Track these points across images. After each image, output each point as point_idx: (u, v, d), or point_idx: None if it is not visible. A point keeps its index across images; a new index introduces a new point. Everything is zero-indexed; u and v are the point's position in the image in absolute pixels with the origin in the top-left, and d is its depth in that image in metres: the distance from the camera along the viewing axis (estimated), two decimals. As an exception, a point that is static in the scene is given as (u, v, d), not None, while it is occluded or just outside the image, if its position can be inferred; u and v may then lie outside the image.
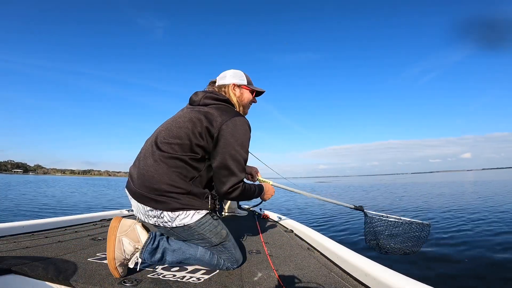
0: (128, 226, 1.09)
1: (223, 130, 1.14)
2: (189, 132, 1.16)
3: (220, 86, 1.38)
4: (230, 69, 1.43)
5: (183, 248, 1.15)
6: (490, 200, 7.89)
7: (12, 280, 1.01)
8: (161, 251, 1.10)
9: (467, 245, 3.28)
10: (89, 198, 11.96)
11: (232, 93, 1.36)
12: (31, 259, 1.18)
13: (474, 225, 4.38)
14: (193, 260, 1.17)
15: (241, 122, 1.19)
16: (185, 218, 1.13)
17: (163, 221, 1.14)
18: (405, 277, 0.94)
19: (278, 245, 1.69)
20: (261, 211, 3.06)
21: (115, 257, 1.03)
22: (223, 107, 1.26)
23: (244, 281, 1.08)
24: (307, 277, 1.13)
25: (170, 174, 1.12)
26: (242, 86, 1.39)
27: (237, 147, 1.16)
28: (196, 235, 1.17)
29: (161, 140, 1.18)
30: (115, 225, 1.07)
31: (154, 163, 1.14)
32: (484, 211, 5.78)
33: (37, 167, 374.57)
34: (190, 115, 1.20)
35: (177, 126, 1.19)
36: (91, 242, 1.59)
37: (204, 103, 1.27)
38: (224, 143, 1.15)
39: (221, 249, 1.22)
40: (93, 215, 2.40)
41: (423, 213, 5.88)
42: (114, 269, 1.03)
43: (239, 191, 1.20)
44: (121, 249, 1.04)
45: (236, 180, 1.17)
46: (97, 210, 5.91)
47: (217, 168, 1.17)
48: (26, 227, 1.75)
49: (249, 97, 1.42)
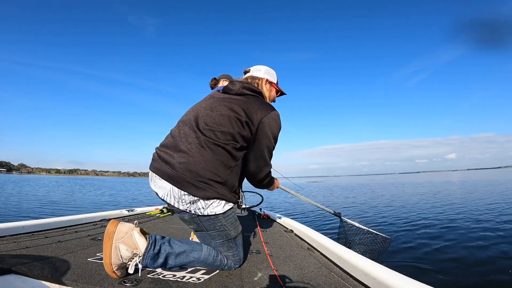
0: (125, 233, 1.04)
1: (263, 123, 1.19)
2: (232, 120, 1.17)
3: (253, 77, 1.46)
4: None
5: (187, 251, 1.13)
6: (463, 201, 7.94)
7: (12, 280, 1.00)
8: (163, 256, 1.06)
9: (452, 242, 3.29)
10: (89, 198, 11.94)
11: (265, 87, 1.45)
12: (31, 259, 1.18)
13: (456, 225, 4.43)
14: (197, 263, 1.16)
15: (277, 116, 1.24)
16: (217, 207, 1.15)
17: (196, 207, 1.13)
18: (405, 277, 0.94)
19: (278, 245, 1.69)
20: (261, 211, 3.05)
21: (111, 262, 1.01)
22: (260, 100, 1.30)
23: (244, 281, 1.08)
24: (307, 277, 1.13)
25: (214, 162, 1.13)
26: (272, 84, 1.50)
27: (272, 139, 1.24)
28: (218, 226, 1.18)
29: (203, 126, 1.17)
30: (111, 230, 1.03)
31: (200, 149, 1.14)
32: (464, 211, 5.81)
33: (21, 166, 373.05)
34: (230, 104, 1.21)
35: (219, 114, 1.19)
36: (91, 242, 1.59)
37: (242, 92, 1.28)
38: (263, 135, 1.20)
39: (232, 245, 1.23)
40: (93, 215, 2.39)
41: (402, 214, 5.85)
42: (112, 272, 1.02)
43: (269, 179, 1.38)
44: (118, 255, 1.02)
45: (269, 169, 1.33)
46: (97, 210, 5.90)
47: (255, 158, 1.24)
48: (26, 227, 1.75)
49: (274, 95, 1.54)
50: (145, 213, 2.95)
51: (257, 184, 1.38)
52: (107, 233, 1.03)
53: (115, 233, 1.03)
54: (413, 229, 4.27)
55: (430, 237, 3.72)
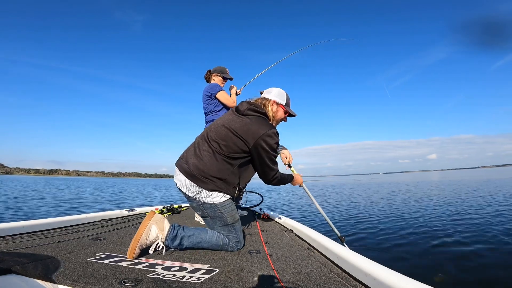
0: (160, 218, 1.48)
1: (260, 140, 1.51)
2: (233, 137, 1.53)
3: (263, 98, 1.73)
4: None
5: (196, 234, 1.52)
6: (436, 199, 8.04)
7: (12, 280, 1.00)
8: (179, 238, 1.47)
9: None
10: (87, 198, 11.93)
11: (270, 108, 1.69)
12: (31, 259, 1.18)
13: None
14: (204, 243, 1.53)
15: (273, 133, 1.55)
16: (216, 197, 1.53)
17: (200, 196, 1.53)
18: (405, 277, 0.94)
19: (278, 245, 1.69)
20: (261, 211, 3.05)
21: (139, 239, 1.35)
22: (261, 120, 1.60)
23: (244, 281, 1.08)
24: (307, 277, 1.13)
25: (216, 165, 1.52)
26: (280, 105, 1.73)
27: (270, 151, 1.56)
28: (217, 213, 1.55)
29: (212, 138, 1.58)
30: (152, 214, 1.46)
31: (208, 154, 1.55)
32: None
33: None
34: (235, 123, 1.57)
35: (224, 130, 1.56)
36: (91, 242, 1.60)
37: (246, 113, 1.60)
38: (261, 150, 1.53)
39: (231, 229, 1.58)
40: (93, 215, 2.40)
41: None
42: (133, 249, 1.32)
43: (277, 179, 1.70)
44: (147, 234, 1.40)
45: (273, 172, 1.65)
46: (96, 210, 5.90)
47: (260, 165, 1.60)
48: (26, 227, 1.75)
49: (281, 116, 1.76)
50: (145, 213, 2.95)
51: (269, 183, 1.70)
52: (148, 215, 1.45)
53: (154, 216, 1.45)
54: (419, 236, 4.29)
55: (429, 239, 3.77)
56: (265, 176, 1.65)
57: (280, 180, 1.73)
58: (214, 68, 2.98)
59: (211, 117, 2.79)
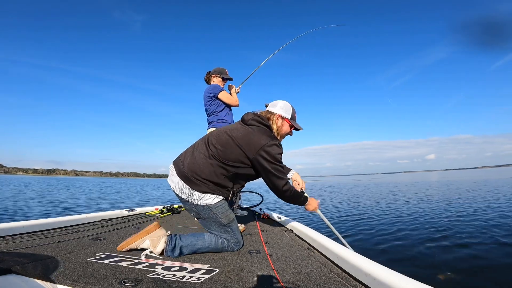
0: (158, 236, 1.45)
1: (261, 150, 1.48)
2: (233, 144, 1.51)
3: (268, 111, 1.69)
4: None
5: (193, 241, 1.51)
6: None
7: (12, 280, 1.00)
8: (178, 248, 1.45)
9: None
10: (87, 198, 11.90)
11: (275, 122, 1.66)
12: (31, 259, 1.18)
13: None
14: (204, 248, 1.52)
15: (275, 144, 1.52)
16: (208, 199, 1.51)
17: (193, 198, 1.51)
18: (405, 277, 0.94)
19: (278, 245, 1.69)
20: (261, 211, 3.05)
21: (129, 244, 1.44)
22: (264, 131, 1.58)
23: (244, 281, 1.08)
24: (307, 277, 1.13)
25: (210, 168, 1.50)
26: (285, 119, 1.67)
27: (273, 160, 1.50)
28: (211, 214, 1.52)
29: (211, 142, 1.56)
30: (153, 229, 1.46)
31: (203, 158, 1.53)
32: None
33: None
34: (237, 131, 1.55)
35: (226, 136, 1.54)
36: (91, 242, 1.59)
37: (251, 123, 1.59)
38: (264, 161, 1.49)
39: (227, 229, 1.56)
40: (93, 215, 2.39)
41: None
42: (121, 248, 1.44)
43: (290, 192, 1.60)
44: (138, 244, 1.44)
45: (283, 182, 1.56)
46: (96, 210, 5.90)
47: (266, 177, 1.54)
48: (26, 227, 1.75)
49: (286, 130, 1.70)
50: (145, 213, 2.95)
51: (281, 195, 1.61)
52: (149, 228, 1.46)
53: (153, 233, 1.46)
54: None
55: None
56: (275, 186, 1.56)
57: (294, 194, 1.63)
58: (213, 70, 2.99)
59: (213, 117, 2.83)
